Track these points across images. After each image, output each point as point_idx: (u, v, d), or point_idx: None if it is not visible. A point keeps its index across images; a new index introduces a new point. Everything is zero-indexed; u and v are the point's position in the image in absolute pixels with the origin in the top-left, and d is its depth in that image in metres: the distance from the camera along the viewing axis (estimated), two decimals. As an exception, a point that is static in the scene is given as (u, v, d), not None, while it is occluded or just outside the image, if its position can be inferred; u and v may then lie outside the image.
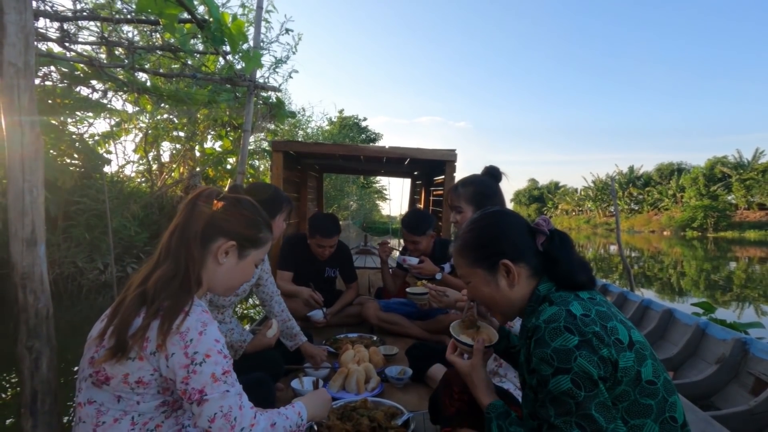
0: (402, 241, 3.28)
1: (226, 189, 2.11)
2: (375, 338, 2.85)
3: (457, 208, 1.96)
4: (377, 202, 35.30)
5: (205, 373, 0.99)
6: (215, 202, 1.18)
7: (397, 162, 5.06)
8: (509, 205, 1.85)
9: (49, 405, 1.36)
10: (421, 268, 2.79)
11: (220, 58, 4.28)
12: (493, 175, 2.01)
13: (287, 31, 6.54)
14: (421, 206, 5.86)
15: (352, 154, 4.50)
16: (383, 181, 30.73)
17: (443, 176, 4.18)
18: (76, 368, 3.35)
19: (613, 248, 22.56)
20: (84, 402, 1.04)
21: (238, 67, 4.52)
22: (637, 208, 48.49)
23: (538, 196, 65.31)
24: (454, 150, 3.99)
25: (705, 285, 11.09)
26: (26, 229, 1.32)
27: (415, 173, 6.31)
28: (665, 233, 37.64)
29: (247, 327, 2.41)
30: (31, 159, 1.33)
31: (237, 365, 1.92)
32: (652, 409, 0.94)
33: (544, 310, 1.01)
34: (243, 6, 5.69)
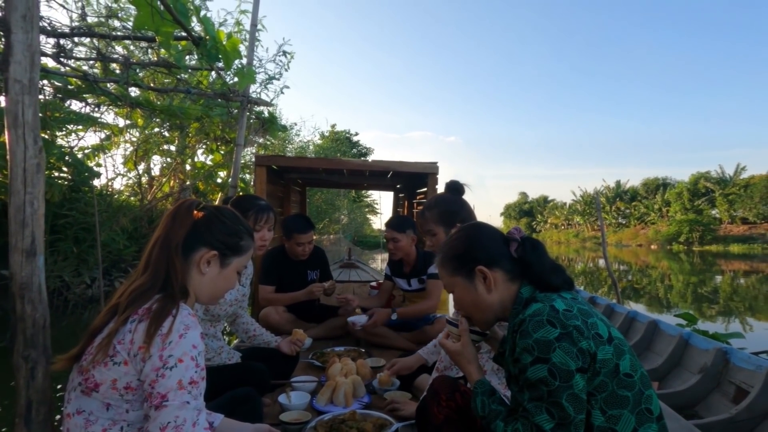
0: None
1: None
2: (362, 350, 2.88)
3: (429, 232, 1.96)
4: (368, 216, 35.35)
5: (172, 378, 0.97)
6: (195, 212, 1.19)
7: (380, 175, 5.10)
8: (499, 219, 1.92)
9: (44, 415, 1.38)
10: (374, 321, 2.89)
11: (213, 73, 4.37)
12: (454, 189, 2.01)
13: (285, 53, 6.71)
14: None
15: (335, 167, 4.53)
16: (374, 194, 30.95)
17: (426, 188, 4.25)
18: (60, 386, 3.31)
19: (602, 262, 22.78)
20: (73, 412, 1.02)
21: (231, 81, 4.59)
22: (624, 222, 49.18)
23: (528, 210, 65.94)
24: (435, 162, 4.06)
25: (692, 298, 11.26)
26: (26, 241, 1.36)
27: (398, 186, 6.36)
28: (652, 247, 38.14)
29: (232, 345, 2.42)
30: (33, 172, 1.38)
31: (224, 382, 1.91)
32: (629, 400, 1.00)
33: (530, 307, 1.08)
34: (238, 24, 5.82)
